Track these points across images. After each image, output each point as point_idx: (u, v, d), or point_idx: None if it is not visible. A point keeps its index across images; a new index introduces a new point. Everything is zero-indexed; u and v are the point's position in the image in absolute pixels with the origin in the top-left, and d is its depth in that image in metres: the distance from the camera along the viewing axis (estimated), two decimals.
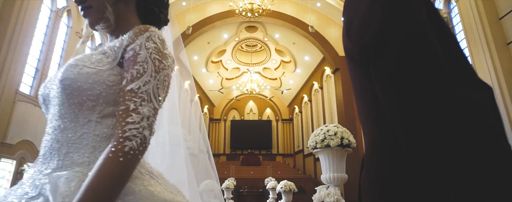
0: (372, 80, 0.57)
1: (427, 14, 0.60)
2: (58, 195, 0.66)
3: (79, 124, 0.74)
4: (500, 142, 0.55)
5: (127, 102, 0.70)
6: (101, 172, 0.63)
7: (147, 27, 0.80)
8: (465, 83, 0.57)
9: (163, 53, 0.77)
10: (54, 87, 0.78)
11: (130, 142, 0.66)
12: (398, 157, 0.55)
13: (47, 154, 0.75)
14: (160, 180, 0.79)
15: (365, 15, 0.60)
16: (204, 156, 1.49)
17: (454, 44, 0.64)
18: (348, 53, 0.67)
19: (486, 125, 0.54)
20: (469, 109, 0.52)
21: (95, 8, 0.85)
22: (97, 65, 0.75)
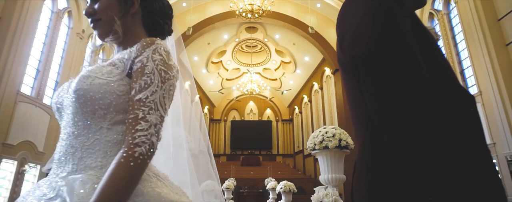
0: (362, 90, 0.61)
1: (413, 29, 0.64)
2: (74, 196, 0.71)
3: (91, 131, 0.80)
4: (475, 147, 0.59)
5: (136, 110, 0.76)
6: (114, 175, 0.69)
7: (154, 40, 0.85)
8: (446, 92, 0.62)
9: (169, 64, 0.83)
10: (68, 97, 0.84)
11: (139, 148, 0.72)
12: (385, 161, 0.59)
13: (63, 159, 0.81)
14: (166, 182, 0.84)
15: (356, 30, 0.64)
16: (205, 157, 1.53)
17: (437, 56, 0.69)
18: (341, 64, 0.71)
19: (463, 132, 0.58)
20: (447, 118, 0.57)
21: (104, 20, 0.91)
22: (108, 77, 0.81)
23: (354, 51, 0.63)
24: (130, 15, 0.95)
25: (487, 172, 0.59)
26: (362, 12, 0.65)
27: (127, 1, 0.94)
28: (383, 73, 0.58)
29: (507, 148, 8.19)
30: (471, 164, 0.56)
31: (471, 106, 0.66)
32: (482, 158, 0.59)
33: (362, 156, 0.68)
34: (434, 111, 0.55)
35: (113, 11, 0.92)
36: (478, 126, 0.65)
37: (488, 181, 0.58)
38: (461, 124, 0.59)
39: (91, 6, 0.93)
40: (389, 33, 0.61)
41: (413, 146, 0.54)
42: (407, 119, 0.55)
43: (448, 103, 0.59)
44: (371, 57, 0.60)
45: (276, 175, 16.03)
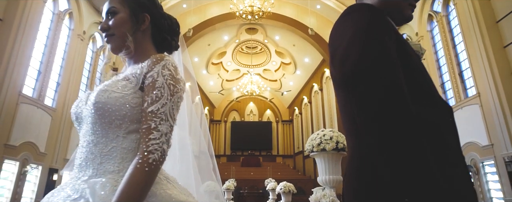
0: (351, 103, 0.69)
1: (397, 47, 0.71)
2: (96, 197, 0.80)
3: (109, 139, 0.89)
4: (450, 153, 0.66)
5: (149, 121, 0.85)
6: (131, 179, 0.78)
7: (163, 56, 0.94)
8: (425, 104, 0.70)
9: (176, 78, 0.92)
10: (87, 108, 0.93)
11: (153, 155, 0.81)
12: (371, 168, 0.66)
13: (83, 164, 0.90)
14: (174, 184, 0.93)
15: (345, 49, 0.72)
16: (206, 157, 1.60)
17: (418, 71, 0.76)
18: (333, 78, 0.78)
19: (438, 140, 0.65)
20: (425, 127, 0.64)
21: (117, 36, 1.01)
22: (123, 90, 0.90)
23: (343, 69, 0.71)
24: (140, 32, 1.04)
25: (460, 176, 0.66)
26: (351, 32, 0.72)
27: (139, 19, 1.03)
28: (368, 91, 0.66)
29: (504, 149, 8.25)
30: (445, 169, 0.63)
31: (449, 116, 0.73)
32: (456, 163, 0.66)
33: (351, 161, 0.76)
34: (412, 122, 0.63)
35: (126, 27, 1.01)
36: (454, 134, 0.73)
37: (460, 184, 0.65)
38: (437, 132, 0.67)
39: (106, 22, 1.02)
40: (374, 53, 0.68)
41: (394, 155, 0.61)
42: (389, 131, 0.63)
43: (426, 114, 0.66)
44: (358, 76, 0.68)
45: (276, 175, 16.09)
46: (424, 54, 7.36)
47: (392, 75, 0.66)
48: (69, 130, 11.74)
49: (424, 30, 12.29)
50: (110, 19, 1.02)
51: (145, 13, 1.05)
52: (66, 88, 11.72)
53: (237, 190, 13.54)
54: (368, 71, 0.67)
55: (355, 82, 0.68)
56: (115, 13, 1.02)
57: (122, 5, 1.02)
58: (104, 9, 1.04)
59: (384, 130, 0.63)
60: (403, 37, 0.82)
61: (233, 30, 18.73)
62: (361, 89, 0.66)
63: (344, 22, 0.78)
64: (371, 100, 0.65)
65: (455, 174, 0.67)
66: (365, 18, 0.74)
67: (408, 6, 0.90)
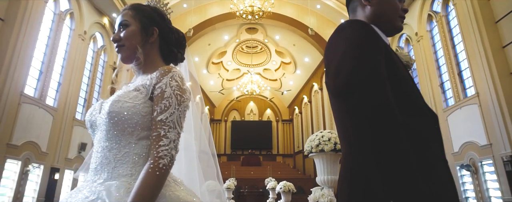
0: (343, 112, 0.75)
1: (386, 60, 0.78)
2: (112, 198, 0.87)
3: (122, 145, 0.96)
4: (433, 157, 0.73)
5: (159, 129, 0.93)
6: (144, 182, 0.86)
7: (170, 68, 1.01)
8: (412, 113, 0.76)
9: (183, 89, 0.99)
10: (101, 117, 1.00)
11: (163, 160, 0.89)
12: (361, 171, 0.73)
13: (98, 168, 0.97)
14: (181, 186, 1.01)
15: (339, 62, 0.78)
16: (208, 157, 1.66)
17: (405, 82, 0.82)
18: (328, 88, 0.85)
19: (423, 145, 0.72)
20: (410, 135, 0.70)
21: (127, 46, 1.09)
22: (134, 100, 0.97)
23: (336, 81, 0.77)
24: (149, 44, 1.11)
25: (442, 180, 0.72)
26: (344, 48, 0.79)
27: (148, 32, 1.11)
28: (358, 103, 0.73)
29: (503, 149, 8.31)
30: (428, 173, 0.69)
31: (434, 123, 0.80)
32: (438, 167, 0.73)
33: (344, 166, 0.83)
34: (398, 131, 0.69)
35: (136, 39, 1.09)
36: (438, 141, 0.79)
37: (442, 188, 0.72)
38: (421, 139, 0.73)
39: (117, 33, 1.11)
40: (364, 68, 0.75)
41: (381, 161, 0.68)
42: (377, 139, 0.69)
43: (412, 122, 0.73)
44: (350, 89, 0.74)
45: (276, 175, 16.16)
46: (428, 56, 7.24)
47: (380, 89, 0.72)
48: (70, 129, 11.81)
49: (423, 30, 12.34)
50: (122, 31, 1.10)
51: (154, 26, 1.12)
52: (67, 88, 11.78)
53: (237, 189, 13.60)
54: (358, 85, 0.74)
55: (347, 95, 0.74)
56: (126, 26, 1.10)
57: (134, 19, 1.10)
58: (117, 21, 1.12)
59: (372, 138, 0.69)
60: (392, 50, 0.89)
61: (233, 30, 18.78)
62: (352, 101, 0.72)
63: (338, 37, 0.85)
64: (361, 111, 0.72)
65: (437, 178, 0.74)
66: (357, 34, 0.81)
67: (398, 18, 0.97)
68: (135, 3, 1.17)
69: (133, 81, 1.12)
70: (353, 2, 1.03)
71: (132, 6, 1.14)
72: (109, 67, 14.86)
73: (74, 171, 11.98)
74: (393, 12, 0.97)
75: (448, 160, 6.20)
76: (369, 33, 0.83)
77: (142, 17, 1.11)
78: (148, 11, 1.14)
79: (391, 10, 0.97)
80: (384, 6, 0.97)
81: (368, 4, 0.98)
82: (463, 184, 10.12)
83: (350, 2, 1.04)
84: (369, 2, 0.98)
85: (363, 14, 0.99)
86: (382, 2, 0.97)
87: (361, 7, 1.00)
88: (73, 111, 12.11)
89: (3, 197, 8.74)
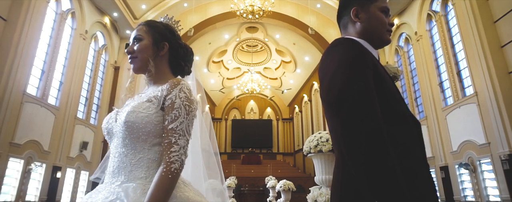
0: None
1: (373, 75, 0.86)
2: (130, 199, 0.98)
3: (137, 151, 1.07)
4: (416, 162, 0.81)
5: (170, 137, 1.04)
6: (158, 185, 0.96)
7: (179, 80, 1.12)
8: (395, 122, 0.85)
9: (191, 99, 1.10)
10: (118, 126, 1.10)
11: (174, 164, 1.00)
12: (351, 176, 0.81)
13: (116, 171, 1.07)
14: (190, 187, 1.11)
15: (331, 77, 0.88)
16: (211, 156, 1.74)
17: (391, 94, 0.91)
18: (322, 100, 0.93)
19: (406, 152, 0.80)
20: (394, 142, 0.79)
21: (139, 58, 1.19)
22: (147, 111, 1.08)
23: (329, 95, 0.87)
24: (159, 57, 1.22)
25: (424, 183, 0.81)
26: (336, 64, 0.89)
27: (159, 46, 1.21)
28: (348, 115, 0.82)
29: (501, 148, 8.39)
30: (410, 177, 0.78)
31: (417, 130, 0.89)
32: (421, 171, 0.82)
33: (336, 171, 0.92)
34: (383, 140, 0.78)
35: (148, 53, 1.20)
36: (421, 146, 0.88)
37: (423, 190, 0.81)
38: (405, 146, 0.82)
39: (131, 46, 1.21)
40: (354, 84, 0.85)
41: (367, 167, 0.77)
42: (364, 148, 0.79)
43: (397, 131, 0.82)
44: (341, 102, 0.84)
45: (277, 173, 16.26)
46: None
47: (368, 103, 0.82)
48: (72, 128, 11.91)
49: (423, 30, 12.39)
50: (136, 44, 1.20)
51: (165, 42, 1.23)
52: (69, 87, 11.87)
53: (238, 188, 13.70)
54: (348, 98, 0.83)
55: (338, 107, 0.84)
56: (140, 40, 1.21)
57: (147, 34, 1.21)
58: (132, 35, 1.22)
59: (360, 146, 0.79)
60: (379, 64, 0.98)
61: (234, 29, 18.83)
62: (343, 112, 0.82)
63: (331, 54, 0.94)
64: (350, 122, 0.81)
65: (419, 181, 0.83)
66: (348, 52, 0.91)
67: (385, 32, 1.06)
68: (149, 20, 1.28)
69: (145, 91, 1.22)
70: (344, 19, 1.12)
71: (147, 22, 1.26)
72: (110, 66, 14.95)
73: (75, 169, 12.10)
74: (380, 27, 1.07)
75: (447, 158, 6.33)
76: (359, 51, 0.93)
77: (154, 33, 1.22)
78: (160, 27, 1.25)
79: (379, 25, 1.07)
80: (372, 22, 1.06)
81: (358, 20, 1.07)
82: (462, 182, 10.20)
83: (341, 19, 1.13)
84: (359, 18, 1.07)
85: (353, 30, 1.08)
86: (370, 19, 1.07)
87: (351, 24, 1.10)
88: (75, 110, 12.20)
89: (6, 196, 8.84)
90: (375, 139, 0.78)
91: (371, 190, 0.75)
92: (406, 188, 0.75)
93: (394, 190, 0.74)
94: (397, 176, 0.75)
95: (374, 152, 0.77)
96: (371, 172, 0.76)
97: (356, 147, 0.79)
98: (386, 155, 0.77)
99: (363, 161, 0.77)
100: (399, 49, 14.34)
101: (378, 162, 0.76)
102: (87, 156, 12.86)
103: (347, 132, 0.81)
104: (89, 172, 13.06)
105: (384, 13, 1.08)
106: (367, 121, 0.80)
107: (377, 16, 1.07)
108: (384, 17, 1.08)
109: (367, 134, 0.79)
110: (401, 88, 14.25)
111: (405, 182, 0.76)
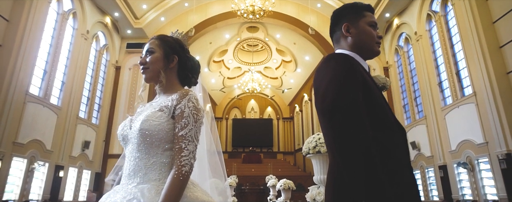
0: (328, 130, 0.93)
1: (362, 87, 0.95)
2: (146, 198, 1.09)
3: (150, 155, 1.18)
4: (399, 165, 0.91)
5: (180, 143, 1.15)
6: (171, 186, 1.08)
7: (188, 91, 1.23)
8: (381, 129, 0.94)
9: (198, 108, 1.22)
10: (133, 132, 1.21)
11: (184, 168, 1.11)
12: (342, 177, 0.91)
13: (132, 174, 1.18)
14: (198, 187, 1.23)
15: (325, 89, 0.97)
16: (214, 156, 1.83)
17: (378, 103, 1.01)
18: (317, 108, 1.02)
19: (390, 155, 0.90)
20: (380, 147, 0.88)
21: (151, 69, 1.31)
22: (160, 119, 1.19)
23: (323, 105, 0.97)
24: (169, 69, 1.33)
25: (406, 183, 0.91)
26: (329, 77, 0.98)
27: (169, 59, 1.33)
28: (340, 122, 0.93)
29: (499, 147, 8.47)
30: (394, 178, 0.88)
31: (402, 136, 0.98)
32: (404, 173, 0.91)
33: (330, 173, 1.02)
34: (369, 146, 0.88)
35: (159, 65, 1.31)
36: (405, 151, 0.98)
37: (406, 189, 0.90)
38: (389, 151, 0.91)
39: (144, 58, 1.32)
40: (344, 96, 0.96)
41: (355, 169, 0.86)
42: (353, 152, 0.89)
43: (382, 137, 0.91)
44: (333, 112, 0.94)
45: (277, 172, 16.35)
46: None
47: (356, 112, 0.92)
48: (74, 128, 12.01)
49: (423, 29, 12.46)
50: (148, 56, 1.31)
51: (175, 55, 1.34)
52: (71, 87, 11.96)
53: (239, 187, 13.80)
54: (340, 109, 0.94)
55: (330, 116, 0.93)
56: (152, 53, 1.32)
57: (159, 47, 1.32)
58: (145, 48, 1.34)
59: (349, 151, 0.90)
60: (369, 75, 1.08)
61: (235, 29, 18.90)
62: (335, 121, 0.91)
63: (324, 68, 1.04)
64: (341, 129, 0.91)
65: (402, 182, 0.92)
66: (340, 66, 1.01)
67: (375, 44, 1.17)
68: (161, 34, 1.40)
69: (156, 99, 1.33)
70: (336, 34, 1.23)
71: (159, 37, 1.37)
72: (111, 66, 15.04)
73: (77, 168, 12.21)
74: (370, 40, 1.18)
75: (446, 157, 6.47)
76: (350, 65, 1.03)
77: (165, 47, 1.33)
78: (170, 41, 1.36)
79: (368, 39, 1.17)
80: (362, 36, 1.17)
81: (349, 35, 1.18)
82: (460, 181, 10.30)
83: (334, 34, 1.23)
84: (350, 33, 1.18)
85: (346, 43, 1.18)
86: (360, 33, 1.17)
87: (343, 38, 1.20)
88: (77, 110, 12.30)
89: (10, 194, 8.94)
90: (362, 145, 0.88)
91: (358, 188, 0.85)
92: (388, 186, 0.85)
93: (377, 188, 0.84)
94: (380, 176, 0.85)
95: (361, 156, 0.87)
96: (358, 172, 0.87)
97: (346, 151, 0.89)
98: (371, 158, 0.86)
99: (351, 163, 0.88)
100: (399, 49, 14.40)
101: (364, 164, 0.87)
102: (89, 155, 12.97)
103: (339, 139, 0.91)
104: (91, 170, 13.18)
105: (372, 27, 1.19)
106: (356, 130, 0.90)
107: (366, 30, 1.17)
108: (373, 31, 1.18)
109: (355, 141, 0.89)
110: (401, 87, 14.34)
111: (388, 180, 0.86)
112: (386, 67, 15.17)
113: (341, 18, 1.21)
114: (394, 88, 14.70)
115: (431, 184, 12.01)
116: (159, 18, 15.55)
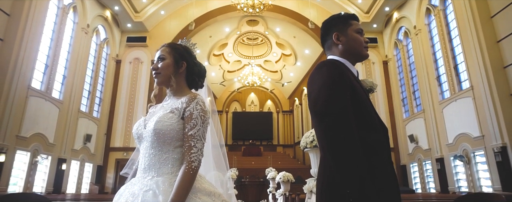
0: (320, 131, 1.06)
1: (351, 90, 1.07)
2: (160, 189, 1.25)
3: (163, 152, 1.34)
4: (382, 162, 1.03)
5: (190, 141, 1.31)
6: (182, 179, 1.23)
7: (196, 95, 1.39)
8: (366, 129, 1.06)
9: (205, 110, 1.37)
10: (147, 132, 1.36)
11: (194, 163, 1.27)
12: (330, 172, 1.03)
13: (147, 168, 1.34)
14: (204, 180, 1.39)
15: (317, 94, 1.10)
16: (218, 149, 1.97)
17: (364, 106, 1.12)
18: (310, 110, 1.14)
19: (374, 153, 1.02)
20: (365, 146, 1.00)
21: (162, 74, 1.45)
22: (171, 120, 1.35)
23: (315, 108, 1.09)
24: (179, 74, 1.48)
25: (388, 178, 1.03)
26: (321, 83, 1.10)
27: (178, 65, 1.47)
28: (330, 124, 1.06)
29: (494, 140, 8.62)
30: (377, 173, 1.00)
31: (384, 134, 1.11)
32: (386, 169, 1.04)
33: (320, 168, 1.14)
34: (355, 144, 1.00)
35: (170, 70, 1.45)
36: (387, 149, 1.10)
37: (387, 184, 1.03)
38: (373, 149, 1.04)
39: (156, 64, 1.47)
40: (334, 100, 1.08)
41: (342, 165, 0.98)
42: (340, 149, 1.02)
43: (367, 136, 1.04)
44: (324, 114, 1.07)
45: (277, 165, 16.55)
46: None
47: (345, 115, 1.04)
48: (75, 121, 12.14)
49: (422, 24, 12.51)
50: (160, 63, 1.45)
51: (183, 61, 1.48)
52: (72, 81, 12.06)
53: (239, 179, 13.99)
54: (330, 112, 1.07)
55: (321, 118, 1.05)
56: (163, 59, 1.46)
57: (169, 54, 1.47)
58: (156, 55, 1.48)
59: (337, 149, 1.03)
60: (357, 79, 1.20)
61: (234, 22, 18.90)
62: (325, 123, 1.03)
63: (317, 74, 1.16)
64: (331, 130, 1.04)
65: (384, 177, 1.05)
66: (330, 73, 1.14)
67: (363, 49, 1.30)
68: (171, 42, 1.54)
69: (166, 101, 1.48)
70: (328, 42, 1.38)
71: (169, 45, 1.51)
72: (111, 60, 15.10)
73: (80, 161, 12.38)
74: (358, 46, 1.32)
75: (443, 150, 6.70)
76: (340, 72, 1.17)
77: (175, 54, 1.48)
78: (180, 49, 1.51)
79: (357, 45, 1.32)
80: (351, 43, 1.31)
81: (339, 43, 1.33)
82: (456, 173, 10.48)
83: (325, 42, 1.35)
84: (340, 41, 1.33)
85: (337, 50, 1.32)
86: (349, 40, 1.32)
87: (334, 46, 1.35)
88: (78, 103, 12.41)
89: (14, 187, 9.12)
90: (349, 143, 1.02)
91: (343, 181, 0.98)
92: (370, 180, 0.97)
93: (360, 181, 0.97)
94: (364, 171, 0.97)
95: (348, 154, 1.01)
96: (345, 167, 1.00)
97: (335, 149, 1.02)
98: (357, 156, 0.99)
99: (339, 160, 1.01)
100: (398, 43, 14.46)
101: (349, 160, 1.00)
102: (90, 148, 13.13)
103: (329, 139, 1.04)
104: (93, 163, 13.36)
105: (359, 34, 1.33)
106: (344, 131, 1.03)
107: (354, 37, 1.32)
108: (360, 37, 1.33)
109: (343, 141, 1.02)
110: (400, 81, 14.43)
111: (370, 175, 0.98)
112: (386, 61, 15.23)
113: (330, 28, 1.35)
114: (393, 82, 14.80)
115: (428, 176, 12.20)
116: (159, 11, 15.55)
